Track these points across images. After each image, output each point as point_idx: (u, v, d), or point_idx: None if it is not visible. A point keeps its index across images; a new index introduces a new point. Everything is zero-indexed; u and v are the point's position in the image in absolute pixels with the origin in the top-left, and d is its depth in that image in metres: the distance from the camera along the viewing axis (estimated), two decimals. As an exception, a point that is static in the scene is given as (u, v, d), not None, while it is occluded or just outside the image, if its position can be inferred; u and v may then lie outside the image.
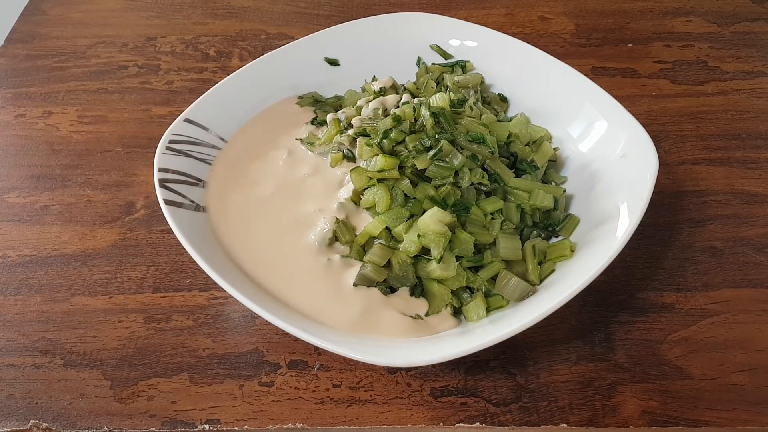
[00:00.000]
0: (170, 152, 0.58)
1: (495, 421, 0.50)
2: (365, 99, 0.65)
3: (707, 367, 0.53)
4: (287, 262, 0.54)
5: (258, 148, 0.63)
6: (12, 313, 0.57)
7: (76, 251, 0.62)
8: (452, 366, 0.53)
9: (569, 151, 0.62)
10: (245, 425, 0.50)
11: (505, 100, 0.68)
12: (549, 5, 0.90)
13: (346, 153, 0.60)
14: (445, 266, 0.52)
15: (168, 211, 0.52)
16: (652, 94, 0.77)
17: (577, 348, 0.54)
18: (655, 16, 0.89)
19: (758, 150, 0.70)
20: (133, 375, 0.53)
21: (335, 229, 0.55)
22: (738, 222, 0.63)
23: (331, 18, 0.88)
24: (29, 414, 0.51)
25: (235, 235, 0.56)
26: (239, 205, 0.58)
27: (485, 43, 0.69)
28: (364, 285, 0.53)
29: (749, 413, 0.50)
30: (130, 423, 0.50)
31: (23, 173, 0.69)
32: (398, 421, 0.50)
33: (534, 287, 0.52)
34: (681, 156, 0.70)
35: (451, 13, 0.80)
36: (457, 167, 0.55)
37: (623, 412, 0.50)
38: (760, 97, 0.76)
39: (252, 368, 0.53)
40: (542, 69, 0.65)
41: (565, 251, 0.53)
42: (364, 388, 0.52)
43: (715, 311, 0.56)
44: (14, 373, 0.53)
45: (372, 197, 0.56)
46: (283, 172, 0.61)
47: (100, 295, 0.58)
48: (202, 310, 0.57)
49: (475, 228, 0.54)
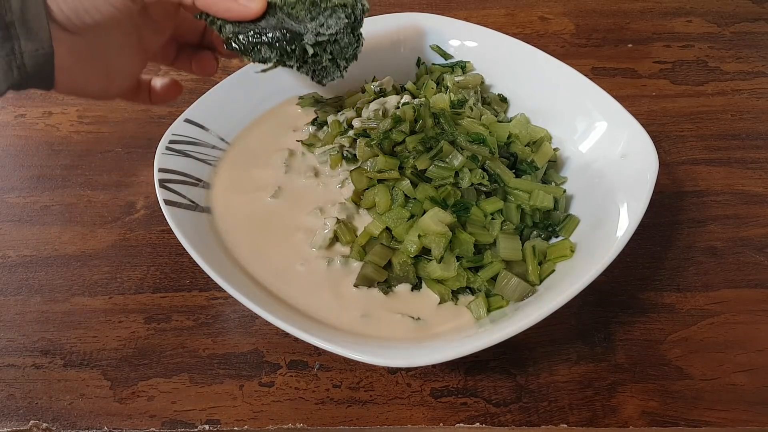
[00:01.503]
0: (170, 152, 0.58)
1: (495, 421, 0.50)
2: (365, 100, 0.65)
3: (707, 367, 0.53)
4: (288, 262, 0.54)
5: (260, 149, 0.63)
6: (12, 313, 0.57)
7: (76, 251, 0.62)
8: (452, 366, 0.53)
9: (569, 152, 0.62)
10: (245, 425, 0.50)
11: (505, 101, 0.68)
12: (549, 5, 0.90)
13: (346, 154, 0.60)
14: (445, 266, 0.52)
15: (168, 211, 0.52)
16: (652, 94, 0.77)
17: (577, 348, 0.54)
18: (655, 16, 0.89)
19: (758, 150, 0.70)
20: (133, 375, 0.53)
21: (336, 229, 0.55)
22: (738, 222, 0.63)
23: (331, 18, 0.88)
24: (29, 414, 0.51)
25: (235, 236, 0.56)
26: (241, 205, 0.58)
27: (485, 44, 0.69)
28: (364, 285, 0.53)
29: (749, 413, 0.50)
30: (130, 423, 0.50)
31: (23, 173, 0.69)
32: (398, 422, 0.50)
33: (534, 287, 0.52)
34: (681, 156, 0.70)
35: (451, 14, 0.80)
36: (457, 168, 0.55)
37: (623, 413, 0.50)
38: (760, 97, 0.76)
39: (252, 368, 0.53)
40: (542, 69, 0.65)
41: (565, 251, 0.53)
42: (364, 388, 0.52)
43: (715, 311, 0.56)
44: (14, 373, 0.53)
45: (372, 198, 0.56)
46: (285, 173, 0.61)
47: (100, 296, 0.58)
48: (202, 310, 0.57)
49: (475, 228, 0.54)
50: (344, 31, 0.51)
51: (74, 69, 0.50)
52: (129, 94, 0.59)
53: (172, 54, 0.60)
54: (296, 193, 0.59)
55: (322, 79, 0.54)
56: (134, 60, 0.55)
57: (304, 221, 0.57)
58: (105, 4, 0.47)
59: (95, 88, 0.53)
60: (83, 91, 0.53)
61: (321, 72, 0.53)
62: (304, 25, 0.50)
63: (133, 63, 0.55)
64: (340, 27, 0.51)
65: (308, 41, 0.51)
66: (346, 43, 0.52)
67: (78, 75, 0.50)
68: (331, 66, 0.53)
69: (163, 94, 0.60)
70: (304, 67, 0.53)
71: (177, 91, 0.60)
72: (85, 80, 0.51)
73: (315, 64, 0.53)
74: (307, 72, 0.53)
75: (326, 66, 0.53)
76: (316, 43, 0.51)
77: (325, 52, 0.52)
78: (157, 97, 0.61)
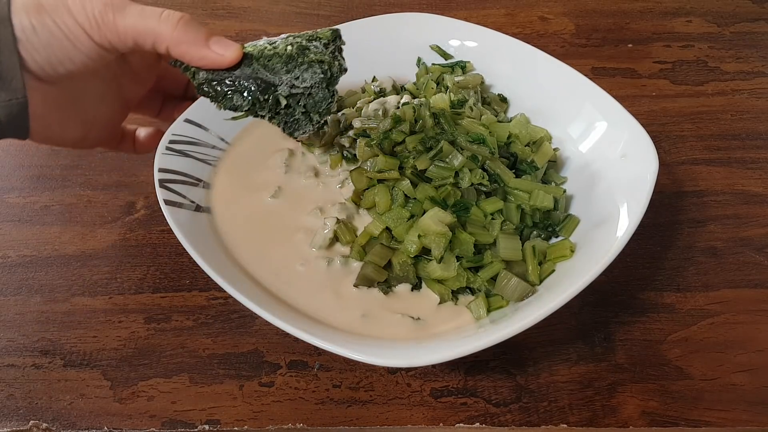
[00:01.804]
0: (170, 152, 0.58)
1: (495, 421, 0.50)
2: (365, 100, 0.65)
3: (707, 367, 0.53)
4: (288, 262, 0.54)
5: (260, 149, 0.63)
6: (12, 313, 0.57)
7: (76, 251, 0.62)
8: (452, 366, 0.53)
9: (569, 152, 0.62)
10: (245, 425, 0.50)
11: (505, 101, 0.68)
12: (549, 5, 0.90)
13: (346, 154, 0.60)
14: (445, 266, 0.52)
15: (168, 211, 0.52)
16: (652, 94, 0.77)
17: (577, 348, 0.54)
18: (655, 16, 0.89)
19: (758, 150, 0.70)
20: (133, 375, 0.53)
21: (336, 229, 0.55)
22: (738, 222, 0.63)
23: (331, 18, 0.88)
24: (29, 414, 0.51)
25: (235, 236, 0.56)
26: (241, 205, 0.58)
27: (485, 44, 0.69)
28: (364, 285, 0.53)
29: (749, 413, 0.50)
30: (130, 423, 0.50)
31: (23, 173, 0.69)
32: (398, 422, 0.50)
33: (534, 287, 0.52)
34: (681, 156, 0.70)
35: (451, 13, 0.80)
36: (457, 168, 0.55)
37: (623, 413, 0.50)
38: (760, 97, 0.76)
39: (252, 368, 0.53)
40: (542, 69, 0.65)
41: (565, 251, 0.53)
42: (364, 388, 0.52)
43: (715, 311, 0.56)
44: (14, 373, 0.53)
45: (372, 198, 0.56)
46: (285, 173, 0.61)
47: (100, 296, 0.58)
48: (202, 310, 0.57)
49: (475, 228, 0.54)
50: (319, 86, 0.51)
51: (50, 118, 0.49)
52: (111, 143, 0.59)
53: (157, 106, 0.60)
54: (296, 193, 0.59)
55: (293, 132, 0.54)
56: (114, 109, 0.55)
57: (304, 221, 0.57)
58: (79, 55, 0.46)
59: (72, 136, 0.53)
60: (60, 139, 0.52)
61: (293, 124, 0.53)
62: (279, 77, 0.50)
63: (113, 112, 0.55)
64: (315, 81, 0.51)
65: (282, 92, 0.51)
66: (320, 98, 0.52)
67: (54, 123, 0.50)
68: (303, 119, 0.53)
69: (147, 143, 0.61)
70: (276, 118, 0.53)
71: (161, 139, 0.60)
72: (61, 129, 0.51)
73: (287, 116, 0.53)
74: (279, 123, 0.53)
75: (298, 119, 0.53)
76: (289, 95, 0.51)
77: (299, 105, 0.52)
78: (142, 146, 0.61)
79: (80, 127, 0.52)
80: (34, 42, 0.44)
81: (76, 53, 0.46)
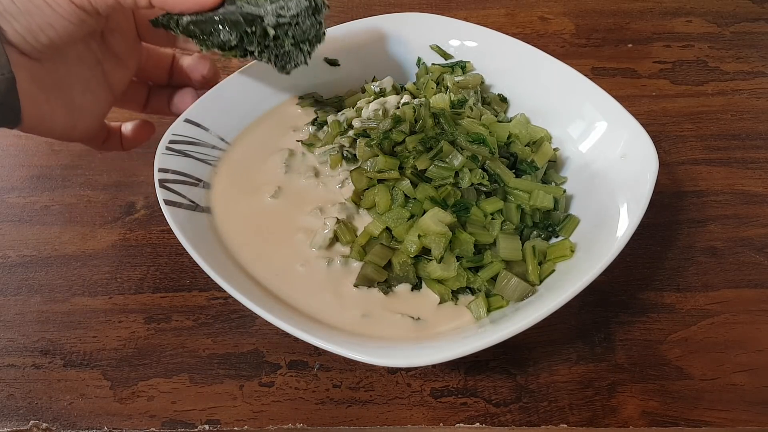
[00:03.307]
0: (170, 152, 0.58)
1: (495, 421, 0.50)
2: (365, 100, 0.65)
3: (707, 367, 0.53)
4: (288, 262, 0.54)
5: (260, 149, 0.63)
6: (12, 313, 0.57)
7: (76, 251, 0.62)
8: (452, 366, 0.53)
9: (569, 152, 0.62)
10: (245, 425, 0.50)
11: (505, 101, 0.68)
12: (549, 5, 0.90)
13: (346, 154, 0.60)
14: (445, 266, 0.52)
15: (168, 211, 0.52)
16: (652, 94, 0.77)
17: (577, 348, 0.54)
18: (655, 16, 0.89)
19: (758, 150, 0.70)
20: (133, 375, 0.53)
21: (336, 229, 0.55)
22: (738, 222, 0.63)
23: (331, 18, 0.87)
24: (29, 414, 0.51)
25: (235, 236, 0.56)
26: (241, 205, 0.58)
27: (485, 44, 0.69)
28: (364, 285, 0.53)
29: (749, 413, 0.50)
30: (130, 423, 0.50)
31: (23, 173, 0.69)
32: (398, 422, 0.50)
33: (534, 287, 0.52)
34: (681, 156, 0.70)
35: (451, 13, 0.80)
36: (457, 168, 0.55)
37: (623, 413, 0.50)
38: (760, 97, 0.76)
39: (252, 368, 0.53)
40: (542, 69, 0.65)
41: (565, 251, 0.53)
42: (364, 388, 0.52)
43: (715, 311, 0.56)
44: (14, 373, 0.53)
45: (372, 198, 0.56)
46: (285, 173, 0.61)
47: (100, 296, 0.58)
48: (202, 310, 0.57)
49: (475, 228, 0.54)
50: (306, 14, 0.51)
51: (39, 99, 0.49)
52: (97, 139, 0.59)
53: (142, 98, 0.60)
54: (296, 193, 0.59)
55: (285, 65, 0.53)
56: (99, 97, 0.55)
57: (304, 221, 0.57)
58: (59, 20, 0.46)
59: (61, 122, 0.52)
60: (49, 125, 0.52)
61: (284, 57, 0.52)
62: (263, 8, 0.50)
63: (99, 100, 0.55)
64: (300, 9, 0.50)
65: (269, 23, 0.50)
66: (308, 26, 0.51)
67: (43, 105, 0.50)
68: (294, 50, 0.52)
69: (134, 137, 0.60)
70: (266, 51, 0.52)
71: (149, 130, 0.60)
72: (51, 112, 0.51)
73: (277, 48, 0.52)
74: (269, 58, 0.52)
75: (289, 51, 0.52)
76: (277, 25, 0.50)
77: (287, 36, 0.51)
78: (129, 141, 0.61)
79: (68, 115, 0.52)
80: (12, 10, 0.44)
81: (56, 18, 0.46)
